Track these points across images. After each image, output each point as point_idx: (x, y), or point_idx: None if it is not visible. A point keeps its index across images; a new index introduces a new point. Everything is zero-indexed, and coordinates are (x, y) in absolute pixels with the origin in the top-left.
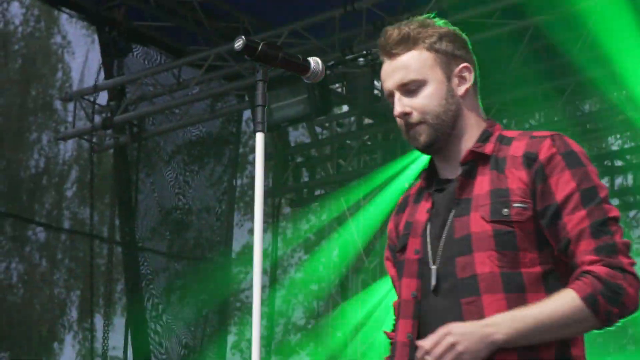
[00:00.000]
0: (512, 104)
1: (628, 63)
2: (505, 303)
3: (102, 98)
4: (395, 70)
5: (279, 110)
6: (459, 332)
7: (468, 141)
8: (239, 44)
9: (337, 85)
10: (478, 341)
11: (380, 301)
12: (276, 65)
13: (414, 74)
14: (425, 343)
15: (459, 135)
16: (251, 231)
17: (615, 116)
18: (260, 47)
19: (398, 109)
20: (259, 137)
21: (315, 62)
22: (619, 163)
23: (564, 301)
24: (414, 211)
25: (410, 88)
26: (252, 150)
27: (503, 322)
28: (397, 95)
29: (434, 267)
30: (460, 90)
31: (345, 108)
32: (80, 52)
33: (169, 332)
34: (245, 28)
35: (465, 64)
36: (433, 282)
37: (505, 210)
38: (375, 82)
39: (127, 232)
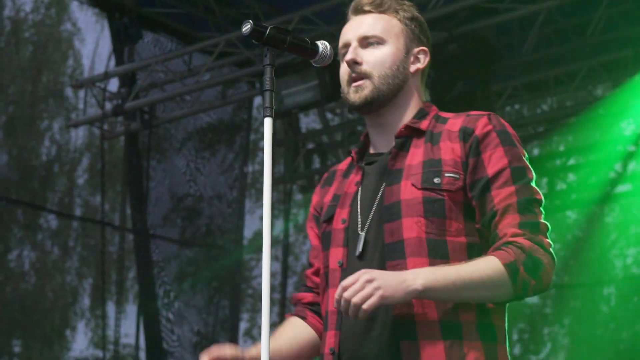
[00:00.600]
0: (523, 89)
1: None
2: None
3: (113, 85)
4: (362, 24)
5: (289, 96)
6: (376, 273)
7: (405, 116)
8: (246, 27)
9: None
10: (395, 284)
11: None
12: (284, 49)
13: (379, 32)
14: (343, 282)
15: (398, 106)
16: (262, 218)
17: (628, 101)
18: (268, 31)
19: (350, 55)
20: (268, 122)
21: (323, 45)
22: (632, 148)
23: (487, 264)
24: (342, 185)
25: (370, 42)
26: (263, 136)
27: (423, 271)
28: (354, 44)
29: (362, 234)
30: (413, 67)
31: None
32: (91, 39)
33: (181, 319)
34: (256, 14)
35: (424, 48)
36: (359, 248)
37: (437, 179)
38: None
39: (139, 219)
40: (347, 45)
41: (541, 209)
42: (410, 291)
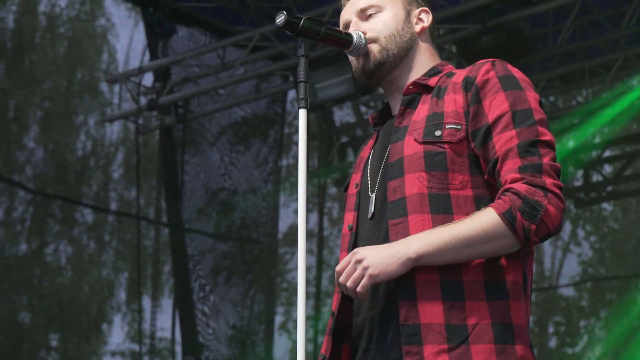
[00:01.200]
0: (558, 81)
1: None
2: (431, 224)
3: (147, 79)
4: (358, 1)
5: (323, 90)
6: (366, 251)
7: (416, 75)
8: (280, 19)
9: None
10: (386, 258)
11: None
12: (318, 39)
13: (375, 1)
14: (338, 266)
15: (409, 66)
16: (297, 211)
17: None
18: (302, 22)
19: (353, 29)
20: (302, 113)
21: (357, 35)
22: None
23: (482, 217)
24: (361, 152)
25: (368, 13)
26: (297, 130)
27: (415, 238)
28: (354, 20)
29: (372, 196)
30: (417, 27)
31: None
32: (125, 34)
33: (216, 313)
34: (290, 7)
35: (424, 8)
36: (371, 209)
37: (438, 132)
38: None
39: (174, 213)
40: (347, 25)
41: (550, 149)
42: (403, 261)
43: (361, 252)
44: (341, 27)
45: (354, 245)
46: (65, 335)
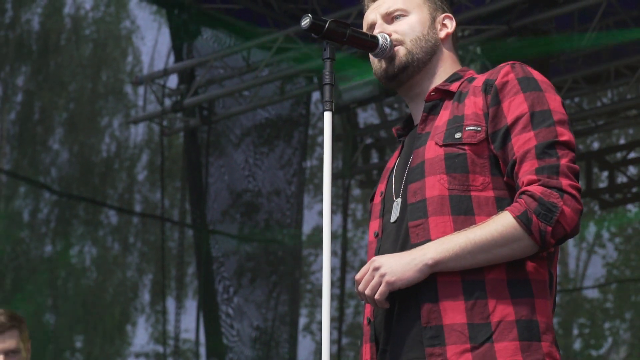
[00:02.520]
0: (583, 82)
1: None
2: (452, 225)
3: (172, 81)
4: (383, 3)
5: (347, 91)
6: (383, 259)
7: (438, 81)
8: (305, 21)
9: None
10: (403, 265)
11: None
12: (344, 42)
13: (401, 4)
14: (357, 275)
15: (431, 72)
16: (321, 213)
17: None
18: (327, 25)
19: (378, 30)
20: (327, 116)
21: (383, 37)
22: None
23: (498, 221)
24: (388, 163)
25: (394, 16)
26: (321, 132)
27: (433, 245)
28: (379, 22)
29: (397, 200)
30: (442, 33)
31: None
32: (150, 36)
33: (240, 314)
34: (314, 9)
35: (449, 14)
36: (395, 214)
37: (458, 134)
38: None
39: (198, 215)
40: (372, 27)
41: (569, 150)
42: (420, 268)
43: (379, 260)
44: (365, 28)
45: (379, 251)
46: (89, 337)
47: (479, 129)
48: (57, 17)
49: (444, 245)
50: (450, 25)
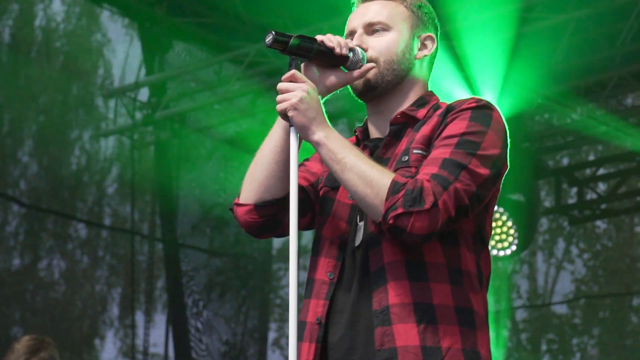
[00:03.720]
0: (553, 98)
1: None
2: (401, 248)
3: (143, 94)
4: (368, 11)
5: None
6: (308, 98)
7: (405, 103)
8: (268, 38)
9: None
10: (305, 120)
11: None
12: (311, 57)
13: (384, 18)
14: (282, 85)
15: (401, 94)
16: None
17: None
18: (291, 41)
19: (356, 42)
20: (293, 132)
21: (356, 53)
22: None
23: (383, 171)
24: None
25: (375, 29)
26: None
27: (329, 131)
28: (360, 31)
29: (360, 224)
30: (419, 54)
31: None
32: (121, 49)
33: (210, 328)
34: (286, 23)
35: (431, 34)
36: (359, 238)
37: (406, 157)
38: None
39: (168, 228)
40: (352, 33)
41: (471, 182)
42: (307, 135)
43: (307, 95)
44: (346, 31)
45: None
46: (57, 350)
47: (424, 153)
48: (28, 29)
49: (335, 142)
50: (430, 46)
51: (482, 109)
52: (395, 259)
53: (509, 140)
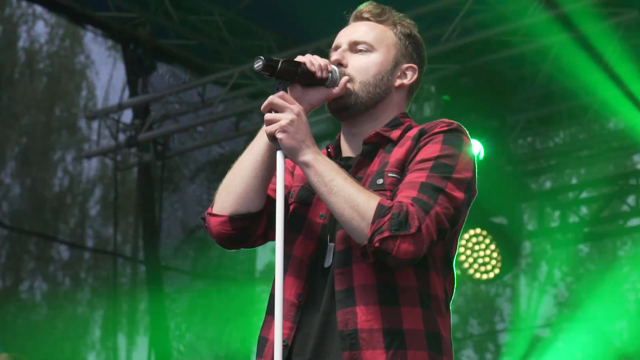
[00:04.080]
0: (536, 122)
1: None
2: (373, 268)
3: (127, 116)
4: (357, 29)
5: None
6: (297, 121)
7: (378, 125)
8: (258, 64)
9: None
10: (295, 143)
11: None
12: (295, 81)
13: (370, 39)
14: (274, 100)
15: (375, 117)
16: (274, 250)
17: None
18: (280, 65)
19: (336, 57)
20: (280, 155)
21: (334, 72)
22: None
23: (369, 195)
24: None
25: (360, 48)
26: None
27: (318, 155)
28: (344, 47)
29: (330, 245)
30: (398, 82)
31: None
32: (105, 70)
33: (192, 351)
34: (269, 46)
35: (414, 65)
36: (329, 260)
37: (380, 180)
38: None
39: (151, 250)
40: (337, 48)
41: (449, 205)
42: (296, 157)
43: (295, 118)
44: (332, 46)
45: (311, 281)
46: None
47: (399, 177)
48: (11, 50)
49: (324, 165)
50: (410, 76)
51: (453, 133)
52: (366, 282)
53: (476, 166)
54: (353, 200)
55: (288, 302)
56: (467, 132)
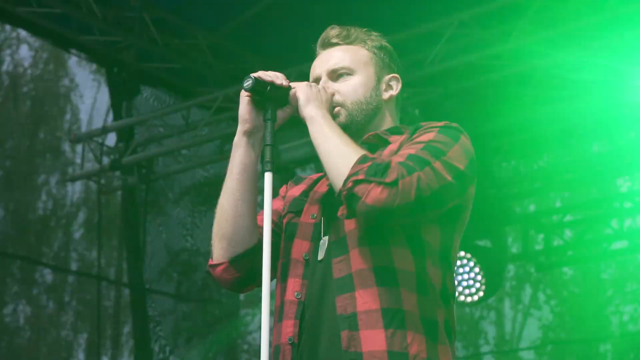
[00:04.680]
0: (520, 145)
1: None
2: (370, 255)
3: (111, 139)
4: (330, 57)
5: (286, 151)
6: (313, 91)
7: None
8: (248, 83)
9: None
10: (317, 96)
11: None
12: (282, 103)
13: (348, 63)
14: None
15: (373, 130)
16: (262, 269)
17: (624, 158)
18: (269, 87)
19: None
20: (268, 177)
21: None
22: (628, 205)
23: (355, 147)
24: (313, 185)
25: (339, 74)
26: (260, 191)
27: (322, 112)
28: (324, 78)
29: (324, 239)
30: (386, 95)
31: None
32: (89, 94)
33: None
34: (254, 69)
35: (395, 75)
36: (322, 253)
37: None
38: None
39: (135, 274)
40: (317, 80)
41: (434, 177)
42: (306, 106)
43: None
44: (310, 79)
45: (309, 277)
46: None
47: None
48: None
49: (330, 124)
50: (396, 87)
51: (452, 128)
52: (363, 267)
53: (475, 169)
54: (342, 149)
55: (288, 302)
56: (468, 136)
